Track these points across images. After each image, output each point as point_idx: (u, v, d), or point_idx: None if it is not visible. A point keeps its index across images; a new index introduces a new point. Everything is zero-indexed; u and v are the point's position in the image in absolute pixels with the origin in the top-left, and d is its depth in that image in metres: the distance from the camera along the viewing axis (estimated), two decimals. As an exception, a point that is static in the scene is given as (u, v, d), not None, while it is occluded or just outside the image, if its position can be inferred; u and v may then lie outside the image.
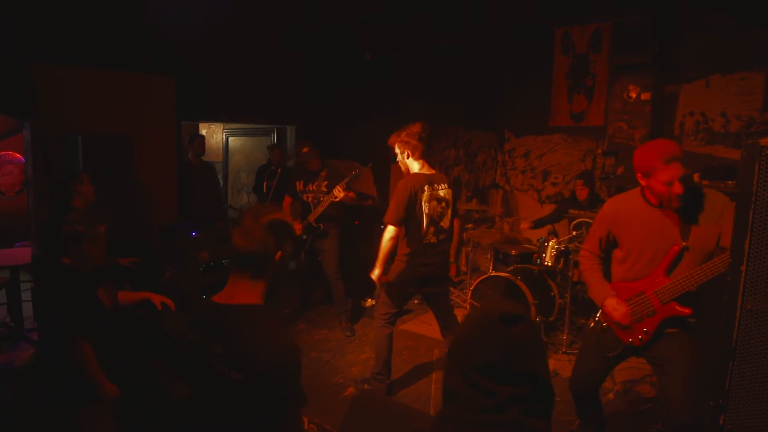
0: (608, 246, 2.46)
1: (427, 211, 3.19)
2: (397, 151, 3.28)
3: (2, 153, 6.28)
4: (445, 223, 3.32)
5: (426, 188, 3.19)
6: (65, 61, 4.09)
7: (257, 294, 1.56)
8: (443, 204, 3.29)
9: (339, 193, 4.17)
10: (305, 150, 4.39)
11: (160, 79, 4.71)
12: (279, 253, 1.57)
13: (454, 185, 6.31)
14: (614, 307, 2.31)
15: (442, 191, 3.28)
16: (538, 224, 5.24)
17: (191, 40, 4.67)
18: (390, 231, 3.15)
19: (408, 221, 3.17)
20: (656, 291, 2.20)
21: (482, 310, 1.03)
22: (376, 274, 3.22)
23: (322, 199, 4.40)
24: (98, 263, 2.50)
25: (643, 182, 2.19)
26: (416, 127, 3.24)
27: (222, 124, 7.38)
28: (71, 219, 2.48)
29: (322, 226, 4.45)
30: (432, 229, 3.24)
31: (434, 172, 3.32)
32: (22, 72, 3.83)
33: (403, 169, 3.32)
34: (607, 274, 2.49)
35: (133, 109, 4.53)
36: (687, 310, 2.15)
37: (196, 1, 4.50)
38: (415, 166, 3.26)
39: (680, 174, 2.04)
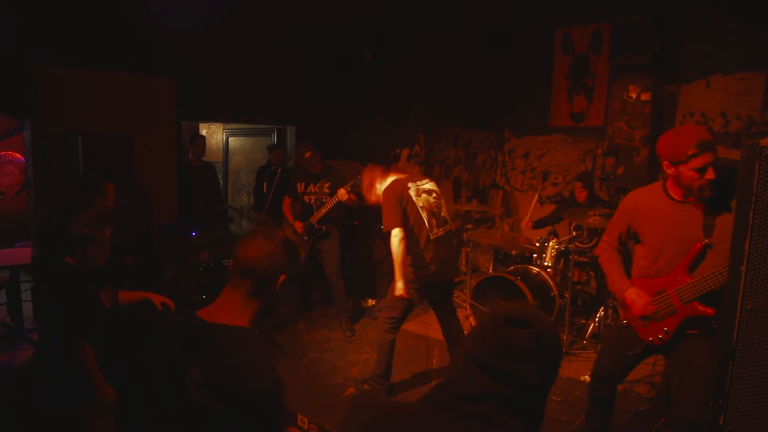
0: (629, 240, 2.41)
1: (422, 205, 3.21)
2: (368, 186, 3.34)
3: (2, 153, 6.28)
4: (444, 213, 3.35)
5: (410, 185, 3.23)
6: (65, 61, 4.09)
7: (246, 316, 1.39)
8: (434, 194, 3.32)
9: (343, 195, 4.17)
10: (308, 155, 4.37)
11: (161, 79, 4.71)
12: (282, 277, 1.44)
13: (454, 185, 6.31)
14: (634, 299, 2.25)
15: (427, 185, 3.33)
16: (539, 224, 5.23)
17: (191, 41, 4.68)
18: (397, 235, 3.10)
19: (407, 223, 3.16)
20: (677, 289, 2.13)
21: (498, 309, 1.07)
22: (400, 287, 3.13)
23: (324, 200, 4.39)
24: (101, 266, 2.50)
25: (670, 171, 2.09)
26: (369, 166, 3.41)
27: (222, 125, 7.38)
28: (77, 221, 2.47)
29: (324, 227, 4.45)
30: (434, 221, 3.25)
31: (408, 174, 3.38)
32: (22, 72, 3.83)
33: (382, 197, 3.31)
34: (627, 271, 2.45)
35: (134, 109, 4.53)
36: (710, 311, 2.06)
37: (196, 1, 4.50)
38: (389, 179, 3.31)
39: (713, 160, 1.96)
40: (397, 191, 3.19)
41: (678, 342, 2.20)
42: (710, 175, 1.97)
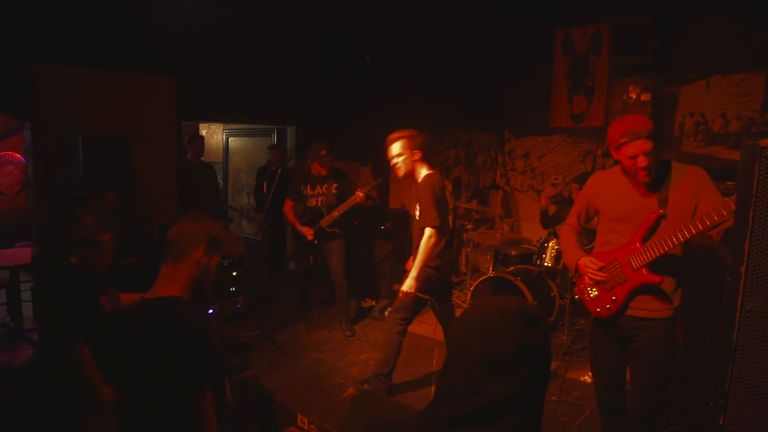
0: (587, 220, 2.52)
1: (451, 206, 3.16)
2: (400, 152, 3.15)
3: (2, 153, 6.28)
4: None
5: (446, 183, 3.20)
6: (66, 61, 4.09)
7: (177, 284, 1.71)
8: (453, 199, 3.29)
9: (361, 198, 4.19)
10: (323, 153, 4.38)
11: (161, 79, 4.71)
12: (202, 248, 1.76)
13: (454, 186, 6.31)
14: (587, 264, 2.33)
15: (449, 186, 3.30)
16: (544, 220, 5.12)
17: (192, 41, 4.68)
18: (434, 235, 2.99)
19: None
20: (629, 257, 2.20)
21: (501, 305, 1.00)
22: (411, 285, 3.02)
23: (334, 202, 4.39)
24: (99, 269, 2.50)
25: (615, 155, 2.22)
26: (424, 137, 3.18)
27: (222, 125, 7.38)
28: (82, 222, 2.48)
29: (337, 230, 4.44)
30: (452, 223, 3.22)
31: (436, 170, 3.28)
32: (22, 72, 3.83)
33: (404, 170, 3.18)
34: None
35: (134, 109, 4.53)
36: (656, 278, 2.14)
37: (196, 1, 4.50)
38: (424, 169, 3.18)
39: (645, 149, 2.07)
40: (439, 185, 3.06)
41: (632, 340, 2.28)
42: (641, 162, 2.08)
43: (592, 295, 2.36)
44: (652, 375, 2.26)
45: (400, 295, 3.14)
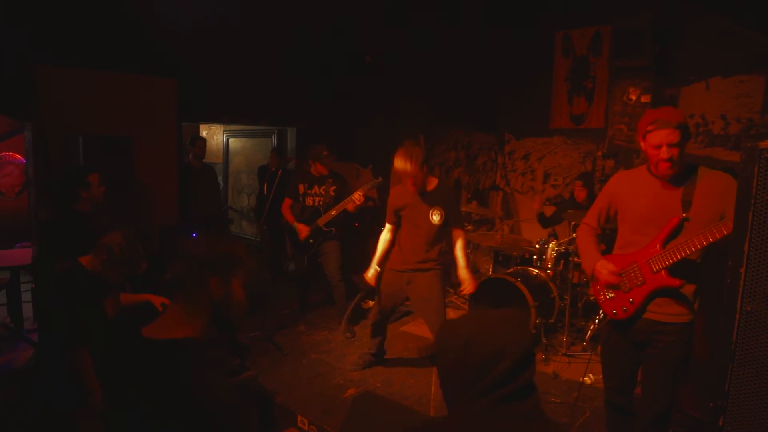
0: (607, 220, 2.46)
1: None
2: (416, 169, 3.30)
3: (3, 154, 6.28)
4: None
5: None
6: (67, 62, 4.10)
7: (191, 326, 1.38)
8: None
9: (360, 199, 4.21)
10: (326, 153, 4.43)
11: (162, 80, 4.72)
12: (214, 280, 1.40)
13: (455, 187, 6.32)
14: (600, 269, 2.29)
15: None
16: (543, 219, 5.14)
17: (193, 42, 4.68)
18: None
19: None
20: (649, 260, 2.16)
21: (510, 312, 1.21)
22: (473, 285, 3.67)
23: (331, 203, 4.41)
24: (109, 282, 2.49)
25: (642, 145, 2.17)
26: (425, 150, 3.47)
27: (222, 126, 7.39)
28: (127, 234, 2.45)
29: (334, 230, 4.45)
30: None
31: None
32: (23, 73, 3.83)
33: (421, 183, 3.38)
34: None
35: (135, 110, 4.54)
36: (676, 282, 2.10)
37: (197, 3, 4.51)
38: (431, 178, 3.48)
39: (670, 140, 2.03)
40: None
41: (650, 345, 2.25)
42: (663, 153, 2.04)
43: (608, 297, 2.32)
44: (667, 380, 2.23)
45: (467, 291, 3.59)
